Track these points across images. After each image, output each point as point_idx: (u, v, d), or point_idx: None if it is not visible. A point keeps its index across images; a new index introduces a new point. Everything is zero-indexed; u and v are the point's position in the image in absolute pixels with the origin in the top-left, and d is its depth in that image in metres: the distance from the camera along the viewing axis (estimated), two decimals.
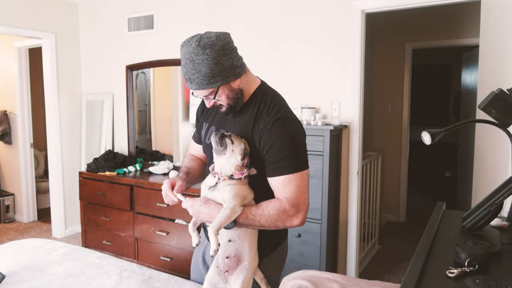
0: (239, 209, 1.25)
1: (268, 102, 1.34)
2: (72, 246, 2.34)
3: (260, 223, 1.27)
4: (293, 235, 2.89)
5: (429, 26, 4.44)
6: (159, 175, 3.62)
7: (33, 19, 3.95)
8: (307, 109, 2.96)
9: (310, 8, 3.07)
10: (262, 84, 1.42)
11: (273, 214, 1.26)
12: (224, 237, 1.31)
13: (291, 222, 1.28)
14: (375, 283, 1.28)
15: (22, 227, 4.63)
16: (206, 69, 1.21)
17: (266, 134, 1.29)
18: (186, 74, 1.25)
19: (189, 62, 1.22)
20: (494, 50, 2.32)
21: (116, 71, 4.16)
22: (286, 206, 1.27)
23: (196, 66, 1.21)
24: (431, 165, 6.32)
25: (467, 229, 1.14)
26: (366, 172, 3.50)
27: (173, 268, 3.18)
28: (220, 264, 1.34)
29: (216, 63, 1.21)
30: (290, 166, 1.27)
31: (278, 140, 1.27)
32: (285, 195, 1.28)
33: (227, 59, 1.24)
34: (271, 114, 1.30)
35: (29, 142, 4.72)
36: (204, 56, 1.20)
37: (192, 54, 1.20)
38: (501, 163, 2.11)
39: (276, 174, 1.29)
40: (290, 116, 1.34)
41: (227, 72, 1.25)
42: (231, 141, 1.28)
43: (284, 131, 1.28)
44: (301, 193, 1.29)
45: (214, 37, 1.22)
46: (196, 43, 1.20)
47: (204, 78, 1.22)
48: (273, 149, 1.28)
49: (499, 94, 1.21)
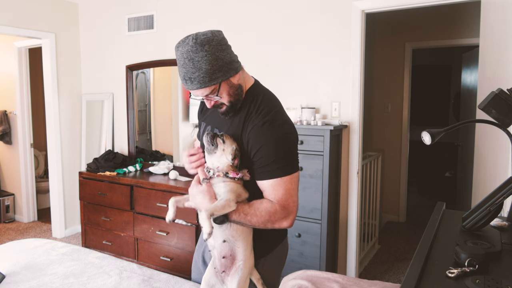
0: (234, 205, 1.25)
1: (258, 103, 1.33)
2: (72, 246, 2.34)
3: (251, 222, 1.27)
4: (293, 235, 2.89)
5: (429, 26, 4.44)
6: (159, 175, 3.62)
7: (33, 19, 3.95)
8: (307, 109, 2.96)
9: (310, 8, 3.07)
10: (255, 84, 1.41)
11: (264, 215, 1.27)
12: (219, 238, 1.32)
13: (280, 224, 1.29)
14: (375, 283, 1.28)
15: (22, 227, 4.63)
16: (207, 66, 1.20)
17: (253, 137, 1.28)
18: (186, 74, 1.23)
19: (188, 61, 1.20)
20: (494, 50, 2.32)
21: (116, 71, 4.16)
22: (277, 208, 1.27)
23: (196, 64, 1.20)
24: (431, 165, 6.32)
25: (467, 229, 1.14)
26: (366, 172, 3.50)
27: (173, 268, 3.18)
28: (217, 265, 1.35)
29: (216, 58, 1.21)
30: (278, 170, 1.26)
31: (266, 144, 1.26)
32: (274, 198, 1.28)
33: (226, 54, 1.24)
34: (259, 116, 1.29)
35: (29, 142, 4.72)
36: (203, 52, 1.19)
37: (191, 53, 1.19)
38: (501, 163, 2.10)
39: (264, 177, 1.29)
40: (280, 118, 1.32)
41: (227, 67, 1.24)
42: (223, 141, 1.29)
43: (272, 134, 1.26)
44: (290, 196, 1.28)
45: (209, 34, 1.22)
46: (193, 41, 1.19)
47: (205, 75, 1.21)
48: (260, 152, 1.27)
49: (499, 94, 1.21)
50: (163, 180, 3.40)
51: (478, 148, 2.55)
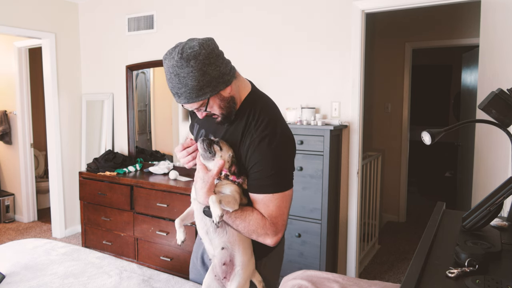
0: (237, 205, 1.24)
1: (257, 115, 1.27)
2: (72, 246, 2.34)
3: (238, 227, 1.25)
4: (293, 235, 2.89)
5: (429, 26, 4.44)
6: (159, 175, 3.62)
7: (33, 19, 3.95)
8: (307, 109, 2.96)
9: (310, 8, 3.07)
10: (253, 91, 1.35)
11: (252, 224, 1.24)
12: (218, 246, 1.31)
13: (264, 239, 1.26)
14: (375, 283, 1.28)
15: (22, 227, 4.62)
16: (193, 82, 1.14)
17: (251, 151, 1.25)
18: (172, 89, 1.18)
19: (174, 76, 1.15)
20: (494, 50, 2.32)
21: (116, 71, 4.16)
22: (266, 223, 1.24)
23: (182, 80, 1.14)
24: (431, 165, 6.32)
25: (467, 229, 1.14)
26: (366, 172, 3.50)
27: (173, 268, 3.18)
28: (218, 273, 1.35)
29: (203, 74, 1.14)
30: (272, 186, 1.24)
31: (263, 159, 1.23)
32: (264, 213, 1.25)
33: (214, 68, 1.17)
34: (258, 130, 1.25)
35: (29, 142, 4.72)
36: (189, 68, 1.13)
37: (176, 68, 1.13)
38: (501, 163, 2.10)
39: (257, 191, 1.26)
40: (279, 131, 1.27)
41: (216, 82, 1.18)
42: (220, 148, 1.26)
43: (270, 150, 1.23)
44: (281, 214, 1.26)
45: (197, 47, 1.14)
46: (179, 56, 1.12)
47: (192, 91, 1.16)
48: (257, 167, 1.24)
49: (499, 94, 1.21)
50: (163, 180, 3.40)
51: (478, 148, 2.55)
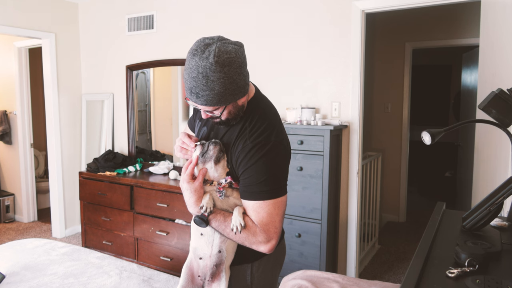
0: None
1: (254, 121, 1.25)
2: (72, 246, 2.34)
3: (229, 235, 1.23)
4: (293, 235, 2.89)
5: (429, 26, 4.44)
6: (159, 175, 3.62)
7: (33, 19, 3.95)
8: (307, 109, 2.96)
9: (310, 8, 3.07)
10: (256, 95, 1.32)
11: (242, 232, 1.22)
12: (215, 249, 1.31)
13: (258, 247, 1.24)
14: (375, 283, 1.28)
15: (22, 227, 4.62)
16: (220, 88, 1.11)
17: (242, 157, 1.22)
18: (193, 88, 1.12)
19: (202, 77, 1.09)
20: (494, 50, 2.32)
21: (116, 71, 4.16)
22: (257, 230, 1.22)
23: (210, 83, 1.10)
24: (431, 165, 6.32)
25: (467, 229, 1.14)
26: (366, 172, 3.50)
27: (173, 268, 3.18)
28: (207, 274, 1.33)
29: (232, 82, 1.12)
30: (262, 193, 1.20)
31: (254, 166, 1.20)
32: (255, 220, 1.22)
33: (242, 77, 1.15)
34: (252, 136, 1.22)
35: (29, 142, 4.72)
36: (222, 74, 1.09)
37: (208, 70, 1.08)
38: (501, 163, 2.10)
39: (247, 197, 1.23)
40: (273, 139, 1.23)
41: (238, 91, 1.16)
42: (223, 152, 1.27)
43: (261, 157, 1.19)
44: (272, 221, 1.22)
45: (233, 53, 1.11)
46: (215, 59, 1.08)
47: (215, 97, 1.13)
48: (248, 173, 1.21)
49: (499, 94, 1.21)
50: (163, 180, 3.40)
51: (478, 148, 2.55)
